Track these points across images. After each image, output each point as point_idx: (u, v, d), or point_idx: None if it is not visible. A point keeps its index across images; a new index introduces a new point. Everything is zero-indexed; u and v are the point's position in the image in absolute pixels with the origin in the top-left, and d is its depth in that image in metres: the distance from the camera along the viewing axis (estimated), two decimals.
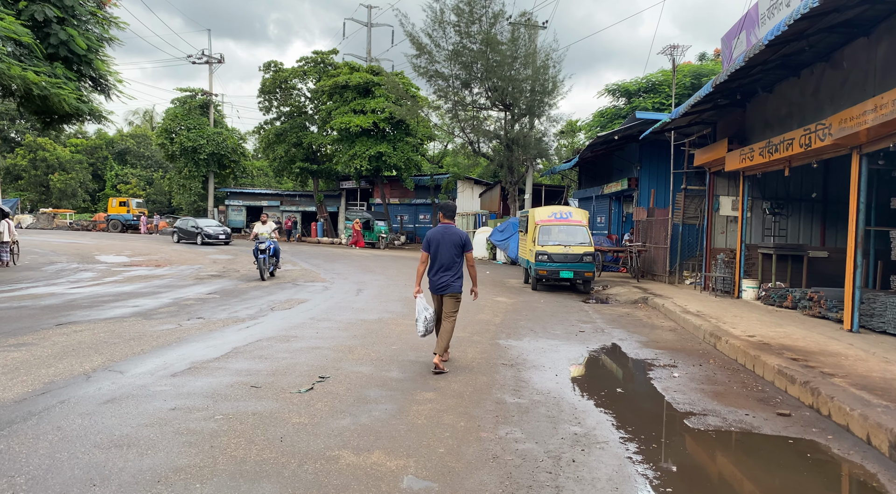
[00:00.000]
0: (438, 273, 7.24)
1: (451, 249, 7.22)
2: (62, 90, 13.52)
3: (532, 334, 9.86)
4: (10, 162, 61.87)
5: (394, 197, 43.05)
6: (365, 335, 8.86)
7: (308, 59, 43.57)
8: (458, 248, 7.26)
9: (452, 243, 7.24)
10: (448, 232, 7.32)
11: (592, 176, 29.89)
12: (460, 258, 7.31)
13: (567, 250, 16.07)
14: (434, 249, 7.27)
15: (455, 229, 7.42)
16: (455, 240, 7.27)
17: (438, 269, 7.24)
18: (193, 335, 8.43)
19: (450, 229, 7.36)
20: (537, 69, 28.72)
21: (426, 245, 7.34)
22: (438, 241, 7.26)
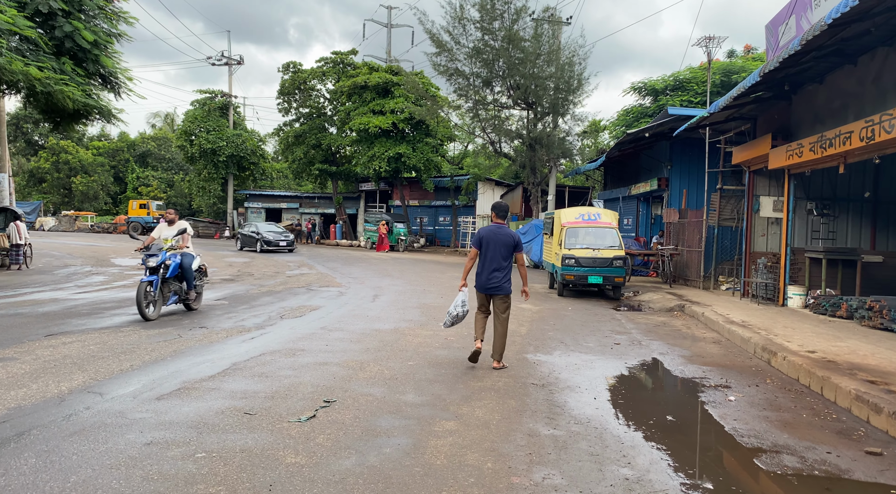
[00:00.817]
0: (489, 273, 7.28)
1: (502, 249, 7.27)
2: (67, 87, 12.92)
3: (563, 347, 8.98)
4: (33, 165, 62.34)
5: (413, 199, 42.33)
6: (379, 349, 8.05)
7: (327, 60, 43.06)
8: (509, 248, 7.29)
9: (504, 244, 7.28)
10: (500, 232, 7.31)
11: (619, 176, 28.86)
12: (510, 259, 7.34)
13: (596, 254, 15.14)
14: (484, 248, 7.31)
15: (507, 229, 7.41)
16: (507, 240, 7.30)
17: (488, 269, 7.27)
18: (192, 347, 7.69)
19: (502, 229, 7.36)
20: (561, 66, 27.78)
21: (476, 242, 7.39)
22: (490, 240, 7.28)
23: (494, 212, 7.57)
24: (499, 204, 7.56)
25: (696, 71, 34.36)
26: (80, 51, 13.97)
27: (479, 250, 7.36)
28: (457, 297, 7.50)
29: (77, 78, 13.73)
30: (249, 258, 25.61)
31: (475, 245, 7.43)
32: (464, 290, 7.47)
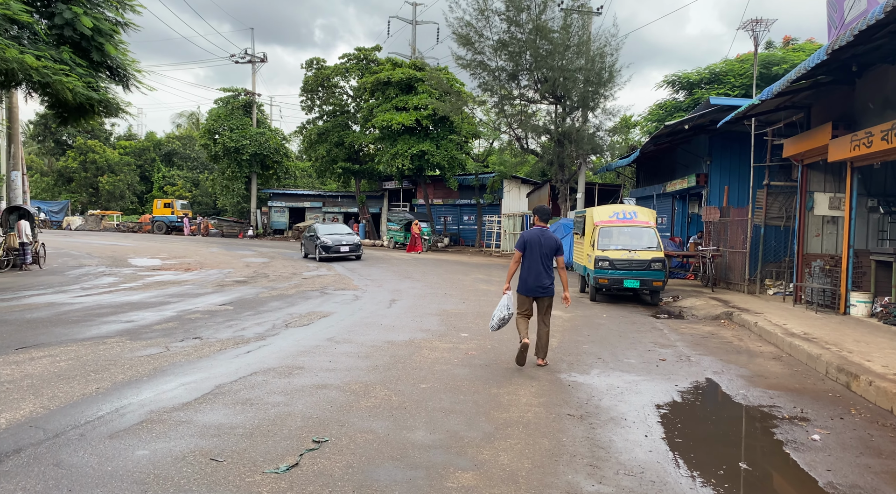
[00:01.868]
0: (535, 276, 7.40)
1: (547, 252, 7.40)
2: (66, 78, 12.14)
3: (600, 363, 7.85)
4: (61, 164, 62.75)
5: (437, 197, 41.30)
6: (389, 366, 7.01)
7: (351, 56, 42.26)
8: (553, 251, 7.45)
9: (549, 247, 7.42)
10: (545, 235, 7.45)
11: (652, 173, 27.49)
12: (553, 262, 7.50)
13: (632, 256, 13.93)
14: (529, 251, 7.42)
15: (550, 232, 7.53)
16: (552, 244, 7.46)
17: (534, 272, 7.39)
18: (176, 363, 6.75)
19: (546, 233, 7.49)
20: (592, 58, 26.48)
21: (521, 245, 7.49)
22: (534, 243, 7.39)
23: (537, 215, 7.68)
24: (542, 207, 7.71)
25: (732, 63, 32.73)
26: (82, 39, 13.21)
27: (524, 253, 7.45)
28: (501, 300, 7.54)
29: (79, 69, 12.96)
30: (268, 259, 24.85)
31: (519, 248, 7.50)
32: (508, 293, 7.52)
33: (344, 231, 25.59)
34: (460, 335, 9.26)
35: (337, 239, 24.11)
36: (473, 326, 10.09)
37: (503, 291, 7.61)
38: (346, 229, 26.15)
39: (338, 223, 29.32)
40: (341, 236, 24.54)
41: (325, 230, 25.20)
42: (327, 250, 23.58)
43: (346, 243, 24.14)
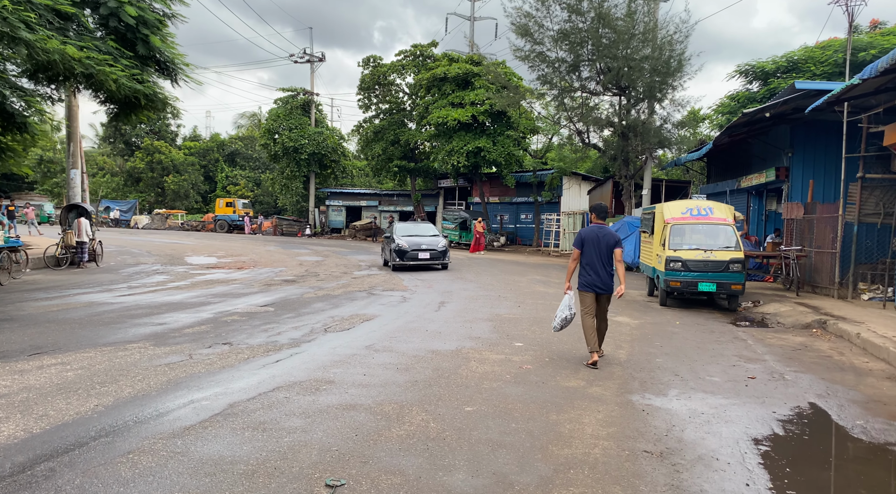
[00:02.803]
0: (595, 273, 7.43)
1: (606, 249, 7.42)
2: (109, 68, 11.79)
3: (678, 381, 6.73)
4: (130, 165, 64.86)
5: (493, 195, 40.25)
6: (430, 382, 6.11)
7: (407, 53, 41.70)
8: (612, 248, 7.44)
9: (607, 244, 7.42)
10: (603, 232, 7.47)
11: (725, 167, 25.67)
12: (612, 259, 7.46)
13: (708, 257, 12.59)
14: (587, 248, 7.44)
15: (609, 229, 7.56)
16: (611, 241, 7.44)
17: (594, 269, 7.42)
18: (195, 374, 6.04)
19: (604, 229, 7.52)
20: (659, 46, 24.90)
21: (579, 243, 7.51)
22: (592, 240, 7.43)
23: (595, 213, 7.75)
24: (599, 205, 7.81)
25: (812, 50, 30.36)
26: (127, 31, 12.89)
27: (581, 250, 7.46)
28: (563, 299, 7.53)
29: (123, 60, 12.63)
30: (322, 258, 24.44)
31: (577, 246, 7.52)
32: (569, 293, 7.54)
33: (427, 232, 20.96)
34: (514, 344, 8.28)
35: (415, 242, 19.59)
36: (529, 334, 9.09)
37: (564, 291, 7.57)
38: (430, 229, 21.39)
39: (423, 222, 23.26)
40: (421, 239, 19.94)
41: (404, 231, 20.70)
42: (402, 255, 19.13)
43: (427, 246, 19.41)
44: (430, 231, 21.19)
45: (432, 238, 20.25)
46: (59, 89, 16.64)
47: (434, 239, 20.22)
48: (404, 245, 19.20)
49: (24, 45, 10.27)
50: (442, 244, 19.88)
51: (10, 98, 15.87)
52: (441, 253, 19.68)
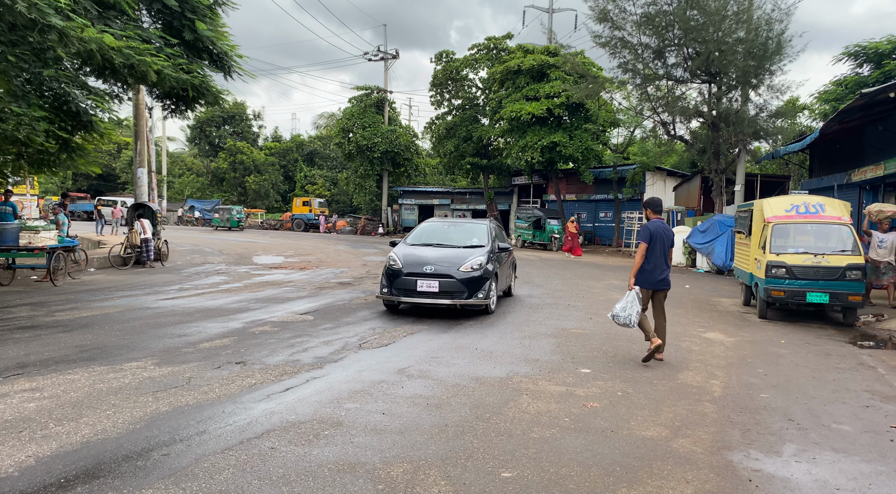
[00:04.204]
0: (659, 269, 7.42)
1: (668, 244, 7.50)
2: (151, 58, 11.15)
3: (795, 431, 5.12)
4: (214, 166, 66.88)
5: (570, 193, 38.30)
6: (463, 427, 4.80)
7: (481, 46, 40.42)
8: (671, 243, 7.54)
9: (669, 239, 7.51)
10: (665, 227, 7.50)
11: (832, 160, 22.93)
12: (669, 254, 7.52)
13: (818, 261, 10.62)
14: (655, 243, 7.38)
15: (666, 224, 7.59)
16: (670, 235, 7.53)
17: (659, 265, 7.41)
18: (180, 408, 5.00)
19: (665, 225, 7.54)
20: (755, 26, 22.44)
21: (649, 237, 7.40)
22: (659, 235, 7.39)
23: (651, 209, 7.66)
24: (655, 200, 7.75)
25: None
26: (173, 17, 12.31)
27: (650, 245, 7.37)
28: (629, 295, 7.28)
29: (168, 49, 12.04)
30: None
31: (645, 240, 7.40)
32: (636, 289, 7.32)
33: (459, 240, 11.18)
34: (579, 370, 6.83)
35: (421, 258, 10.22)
36: (599, 356, 7.60)
37: (629, 287, 7.37)
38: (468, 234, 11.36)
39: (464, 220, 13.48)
40: (438, 253, 10.45)
41: (421, 236, 11.49)
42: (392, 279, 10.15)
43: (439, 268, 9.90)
44: (465, 238, 11.13)
45: (460, 252, 10.45)
46: (117, 85, 16.42)
47: (464, 254, 10.32)
48: (397, 264, 10.10)
49: (56, 33, 9.72)
50: (477, 263, 9.96)
51: (74, 96, 15.76)
52: (469, 283, 9.74)
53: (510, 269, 12.60)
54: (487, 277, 10.01)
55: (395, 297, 9.99)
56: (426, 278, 9.71)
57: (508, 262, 12.22)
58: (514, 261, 13.26)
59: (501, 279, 11.23)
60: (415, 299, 9.80)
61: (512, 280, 12.98)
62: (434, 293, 9.67)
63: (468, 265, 9.87)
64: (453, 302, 9.69)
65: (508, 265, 12.27)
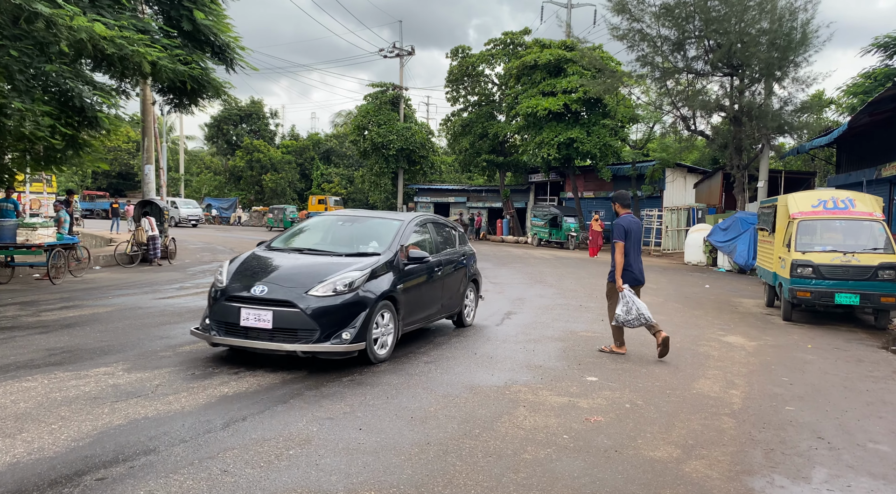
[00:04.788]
0: (638, 265, 7.34)
1: (639, 238, 7.42)
2: (146, 48, 10.78)
3: (826, 452, 4.52)
4: (231, 164, 66.97)
5: (588, 190, 37.53)
6: (447, 445, 4.27)
7: (497, 41, 39.77)
8: (642, 237, 7.58)
9: (640, 233, 7.43)
10: (635, 222, 7.36)
11: (860, 155, 22.01)
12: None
13: (848, 261, 9.93)
14: (631, 239, 7.23)
15: (635, 217, 7.54)
16: (642, 229, 7.62)
17: (636, 260, 7.33)
18: (134, 421, 4.53)
19: (634, 219, 7.39)
20: (778, 16, 21.58)
21: (623, 235, 7.19)
22: (633, 231, 7.26)
23: (619, 203, 7.48)
24: (623, 193, 7.62)
25: None
26: (170, 7, 11.94)
27: (626, 242, 7.19)
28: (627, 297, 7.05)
29: (165, 40, 11.68)
30: None
31: (621, 238, 7.18)
32: (626, 288, 7.13)
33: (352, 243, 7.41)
34: (585, 378, 6.27)
35: (264, 271, 6.56)
36: (609, 362, 7.03)
37: (619, 288, 7.14)
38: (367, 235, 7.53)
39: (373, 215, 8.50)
40: (298, 266, 6.63)
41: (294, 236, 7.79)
42: (220, 316, 6.23)
43: (282, 292, 6.10)
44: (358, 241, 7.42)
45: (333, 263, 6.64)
46: (124, 80, 16.13)
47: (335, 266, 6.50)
48: (222, 279, 6.60)
49: (43, 21, 9.37)
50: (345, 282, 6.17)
51: (79, 91, 15.50)
52: (324, 314, 6.00)
53: (462, 287, 8.56)
54: (363, 304, 6.05)
55: (209, 335, 6.15)
56: (254, 305, 5.91)
57: (455, 278, 8.24)
58: (475, 275, 9.16)
59: (419, 307, 7.18)
60: (235, 340, 6.00)
61: (467, 303, 8.78)
62: (265, 332, 5.86)
63: (328, 285, 5.97)
64: (293, 349, 5.82)
65: (458, 283, 8.37)
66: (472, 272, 9.05)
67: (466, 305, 8.83)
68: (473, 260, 9.23)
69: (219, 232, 41.61)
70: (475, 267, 9.27)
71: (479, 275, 9.42)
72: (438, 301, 7.86)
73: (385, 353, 6.52)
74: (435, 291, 7.72)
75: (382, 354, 6.46)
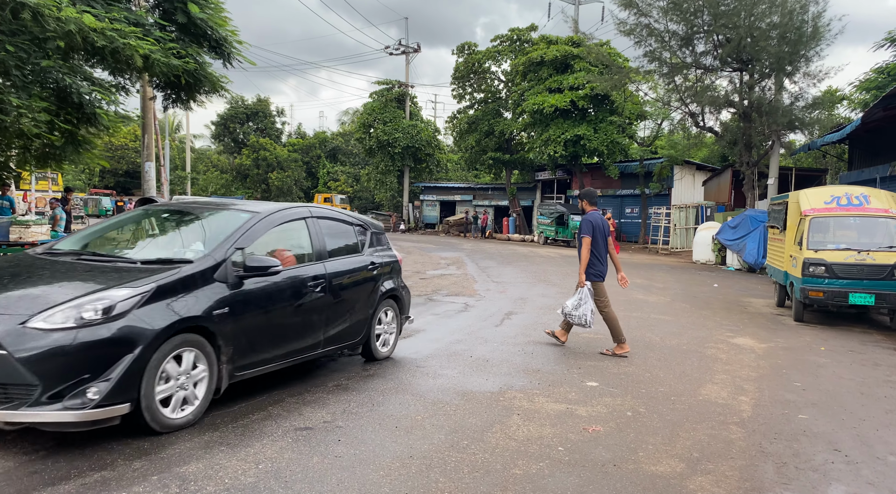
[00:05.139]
0: (602, 262, 7.32)
1: (606, 235, 7.36)
2: (136, 42, 10.50)
3: (843, 466, 4.18)
4: (237, 162, 66.90)
5: (594, 188, 37.05)
6: (431, 460, 3.96)
7: (504, 38, 39.38)
8: (608, 233, 7.41)
9: (607, 229, 7.41)
10: (601, 218, 7.36)
11: (874, 150, 21.51)
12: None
13: (863, 259, 9.54)
14: (598, 235, 7.25)
15: (601, 214, 7.48)
16: (608, 226, 7.46)
17: (603, 256, 7.32)
18: None
19: (601, 215, 7.41)
20: (789, 10, 21.11)
21: (591, 230, 7.20)
22: (600, 227, 7.27)
23: (587, 199, 7.50)
24: (590, 190, 7.66)
25: None
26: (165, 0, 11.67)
27: (594, 238, 7.18)
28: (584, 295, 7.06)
29: (157, 32, 11.40)
30: (403, 254, 22.74)
31: (589, 233, 7.19)
32: (587, 286, 7.13)
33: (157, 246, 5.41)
34: (585, 383, 5.94)
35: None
36: (611, 366, 6.70)
37: (580, 284, 7.12)
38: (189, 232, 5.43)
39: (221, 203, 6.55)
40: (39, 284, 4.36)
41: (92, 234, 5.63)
42: None
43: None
44: (168, 244, 5.35)
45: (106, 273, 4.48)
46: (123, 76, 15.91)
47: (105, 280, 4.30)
48: None
49: (29, 11, 9.11)
50: (97, 308, 3.90)
51: (77, 86, 15.28)
52: (44, 359, 3.70)
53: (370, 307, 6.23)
54: (131, 340, 3.95)
55: None
56: None
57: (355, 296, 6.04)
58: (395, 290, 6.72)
59: (272, 339, 5.04)
60: None
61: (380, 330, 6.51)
62: None
63: (63, 312, 3.87)
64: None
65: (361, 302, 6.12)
66: (390, 287, 6.54)
67: (379, 332, 6.43)
68: (394, 270, 6.77)
69: None
70: (397, 280, 6.79)
71: (402, 290, 6.88)
72: (319, 330, 5.47)
73: (188, 415, 4.26)
74: (308, 315, 5.35)
75: (181, 417, 4.22)
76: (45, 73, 13.31)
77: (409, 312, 7.23)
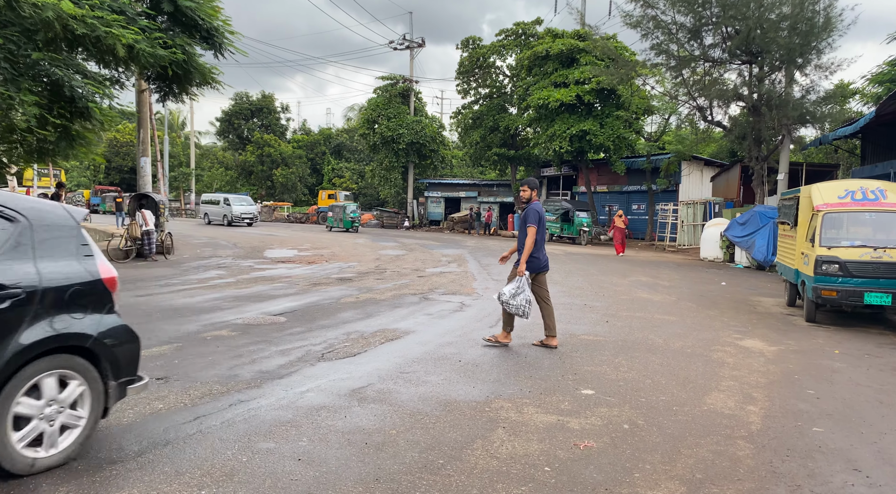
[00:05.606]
0: (543, 251, 7.20)
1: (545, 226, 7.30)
2: (119, 30, 10.13)
3: (866, 489, 3.72)
4: (242, 158, 66.66)
5: (601, 184, 36.56)
6: (400, 483, 3.53)
7: (509, 32, 38.89)
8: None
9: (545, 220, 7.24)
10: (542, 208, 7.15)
11: (887, 145, 20.91)
12: None
13: (879, 257, 9.03)
14: (542, 226, 7.07)
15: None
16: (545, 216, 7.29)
17: (542, 246, 7.17)
18: None
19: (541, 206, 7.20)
20: (800, 0, 20.50)
21: (539, 220, 7.01)
22: (543, 218, 7.11)
23: (532, 187, 7.16)
24: (532, 179, 7.32)
25: None
26: None
27: (539, 227, 6.97)
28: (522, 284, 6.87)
29: (143, 21, 11.04)
30: (406, 251, 22.39)
31: (535, 222, 6.96)
32: (525, 275, 6.94)
33: None
34: (580, 391, 5.49)
35: None
36: (610, 371, 6.24)
37: (519, 272, 6.87)
38: None
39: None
40: None
41: None
42: None
43: None
44: None
45: None
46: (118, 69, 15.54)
47: None
48: None
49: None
50: None
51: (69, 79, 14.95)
52: None
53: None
54: None
55: None
56: None
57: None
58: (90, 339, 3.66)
59: None
60: None
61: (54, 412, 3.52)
62: None
63: None
64: None
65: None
66: (68, 331, 3.56)
67: (28, 415, 3.43)
68: (83, 299, 3.72)
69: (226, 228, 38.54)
70: (95, 317, 3.76)
71: (108, 337, 3.79)
72: None
73: None
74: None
75: None
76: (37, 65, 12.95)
77: (136, 370, 4.04)
